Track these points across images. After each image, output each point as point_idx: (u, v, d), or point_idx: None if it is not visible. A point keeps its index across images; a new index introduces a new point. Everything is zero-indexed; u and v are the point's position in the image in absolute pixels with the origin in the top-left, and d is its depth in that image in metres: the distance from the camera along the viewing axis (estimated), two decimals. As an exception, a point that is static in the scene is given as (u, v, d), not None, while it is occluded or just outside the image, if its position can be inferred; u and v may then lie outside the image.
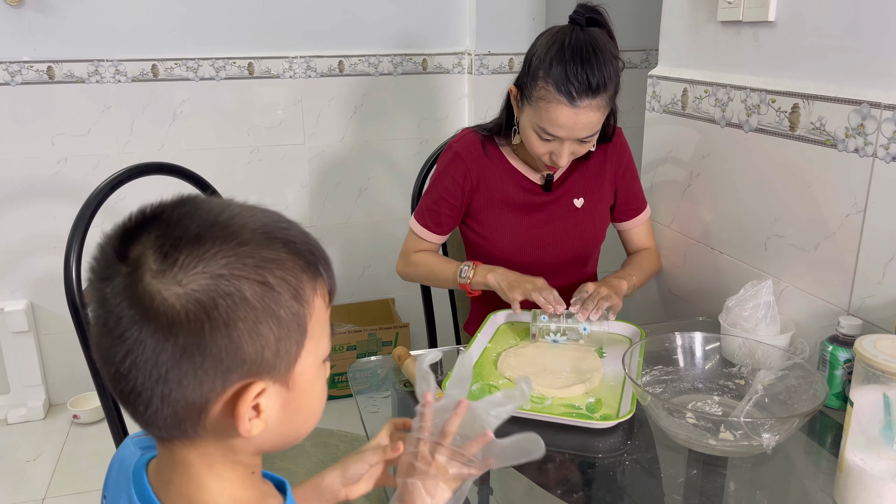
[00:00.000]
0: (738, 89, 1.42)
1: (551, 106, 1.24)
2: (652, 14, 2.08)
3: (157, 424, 0.55)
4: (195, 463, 0.58)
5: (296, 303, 0.56)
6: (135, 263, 0.52)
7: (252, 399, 0.55)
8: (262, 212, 0.58)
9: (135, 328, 0.52)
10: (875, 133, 1.13)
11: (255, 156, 2.50)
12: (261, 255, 0.54)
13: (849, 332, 1.10)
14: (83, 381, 2.46)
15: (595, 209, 1.47)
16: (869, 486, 0.84)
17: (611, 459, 0.99)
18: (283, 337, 0.55)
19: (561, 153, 1.30)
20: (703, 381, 1.14)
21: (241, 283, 0.53)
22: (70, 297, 1.15)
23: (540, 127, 1.28)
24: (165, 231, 0.53)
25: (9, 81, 2.21)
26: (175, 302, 0.51)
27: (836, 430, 1.08)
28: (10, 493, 2.07)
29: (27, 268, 2.38)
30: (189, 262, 0.52)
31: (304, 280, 0.57)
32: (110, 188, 1.25)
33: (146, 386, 0.53)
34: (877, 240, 1.14)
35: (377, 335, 2.54)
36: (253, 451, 0.61)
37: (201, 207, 0.56)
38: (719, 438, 0.96)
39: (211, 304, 0.52)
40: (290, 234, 0.57)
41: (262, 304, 0.53)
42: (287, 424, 0.60)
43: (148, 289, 0.52)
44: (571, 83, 1.21)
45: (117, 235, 0.54)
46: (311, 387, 0.60)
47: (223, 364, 0.53)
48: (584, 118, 1.25)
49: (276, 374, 0.56)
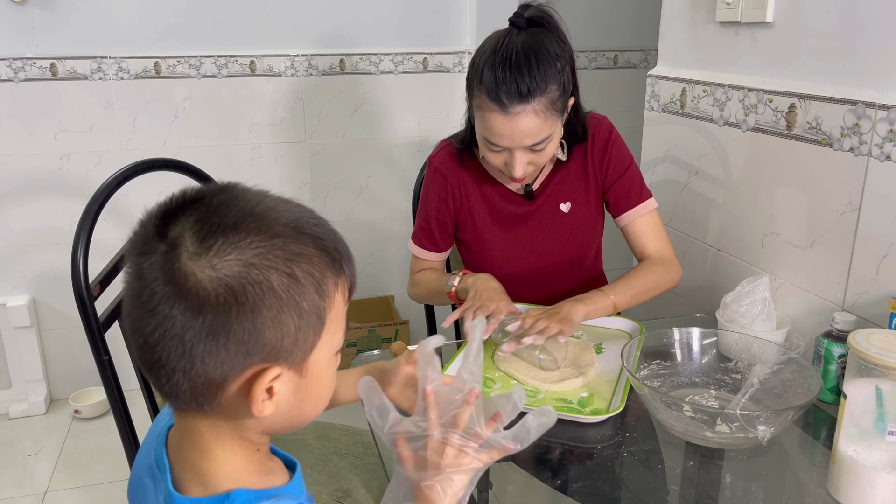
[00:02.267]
0: (735, 89, 1.44)
1: (486, 114, 1.19)
2: (651, 14, 2.11)
3: (176, 396, 0.58)
4: (204, 433, 0.61)
5: (318, 296, 0.59)
6: (173, 243, 0.55)
7: (267, 382, 0.58)
8: (296, 207, 0.62)
9: (167, 304, 0.55)
10: (870, 133, 1.14)
11: (257, 153, 2.51)
12: (290, 248, 0.57)
13: (843, 327, 1.12)
14: (85, 376, 2.48)
15: (583, 211, 1.40)
16: (861, 477, 0.86)
17: (609, 452, 1.01)
18: (303, 327, 0.58)
19: (512, 164, 1.23)
20: (700, 375, 1.16)
21: (270, 273, 0.56)
22: (77, 291, 1.16)
23: (483, 137, 1.24)
24: (205, 215, 0.56)
25: (12, 78, 2.23)
26: (207, 284, 0.54)
27: (830, 424, 1.10)
28: (12, 487, 2.09)
29: (29, 263, 2.39)
30: (224, 248, 0.55)
31: (327, 276, 0.60)
32: (117, 184, 1.26)
33: (170, 359, 0.56)
34: (871, 237, 1.16)
35: (377, 332, 2.56)
36: (261, 430, 0.63)
37: (240, 197, 0.59)
38: (716, 431, 0.97)
39: (240, 289, 0.55)
40: (319, 231, 0.61)
41: (287, 295, 0.56)
42: (296, 409, 0.63)
43: (183, 269, 0.54)
44: (501, 89, 1.16)
45: (159, 214, 0.57)
46: (322, 376, 0.63)
47: (245, 347, 0.56)
48: (521, 125, 1.18)
49: (291, 362, 0.59)
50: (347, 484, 1.22)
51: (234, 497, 0.59)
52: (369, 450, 1.33)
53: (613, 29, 2.72)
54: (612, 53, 2.72)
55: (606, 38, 2.73)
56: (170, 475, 0.62)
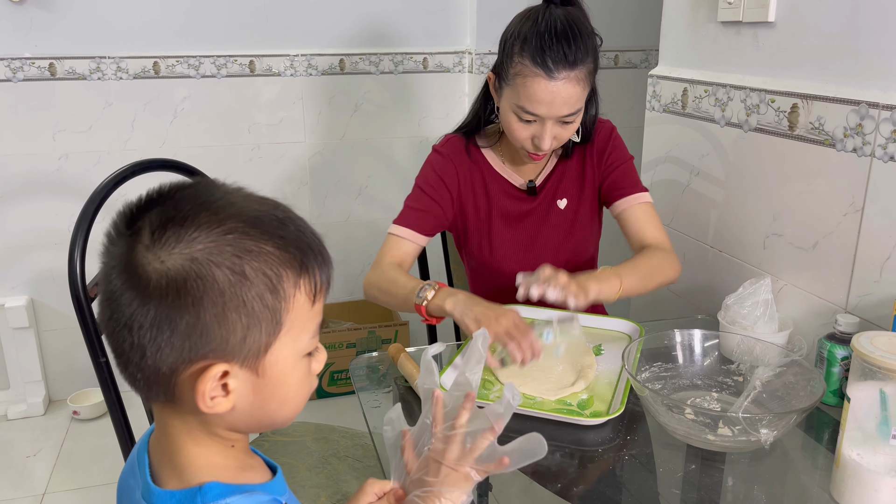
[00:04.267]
0: (737, 89, 1.43)
1: (528, 80, 1.19)
2: (652, 14, 2.10)
3: (136, 385, 0.60)
4: (176, 427, 0.62)
5: (271, 295, 0.58)
6: (136, 235, 0.57)
7: (214, 379, 0.58)
8: (261, 202, 0.60)
9: (122, 294, 0.56)
10: (873, 133, 1.14)
11: (256, 153, 2.50)
12: (242, 244, 0.57)
13: (846, 329, 1.11)
14: (83, 376, 2.47)
15: (579, 209, 1.41)
16: (865, 481, 0.85)
17: (609, 455, 1.00)
18: (252, 326, 0.57)
19: (543, 135, 1.24)
20: (701, 377, 1.15)
21: (214, 269, 0.55)
22: (74, 292, 1.15)
23: (519, 106, 1.23)
24: (164, 209, 0.57)
25: (10, 78, 2.22)
26: (153, 275, 0.55)
27: (833, 427, 1.09)
28: (10, 488, 2.08)
29: (28, 264, 2.39)
30: (172, 241, 0.56)
31: (285, 275, 0.58)
32: (114, 184, 1.25)
33: (124, 348, 0.57)
34: (874, 238, 1.16)
35: (377, 333, 2.55)
36: (225, 427, 0.63)
37: (204, 192, 0.59)
38: (718, 434, 0.97)
39: (182, 283, 0.55)
40: (281, 229, 0.59)
41: (231, 292, 0.56)
42: (258, 409, 0.62)
43: (136, 260, 0.56)
44: (547, 54, 1.17)
45: (133, 206, 0.59)
46: (284, 378, 0.62)
47: (189, 341, 0.56)
48: (563, 91, 1.19)
49: (242, 360, 0.59)
50: (347, 486, 1.21)
51: (206, 490, 0.60)
52: (368, 452, 1.32)
53: (614, 29, 2.71)
54: (613, 53, 2.71)
55: (607, 38, 2.67)
56: (149, 470, 0.63)
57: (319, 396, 2.54)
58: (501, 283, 1.43)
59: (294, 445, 1.32)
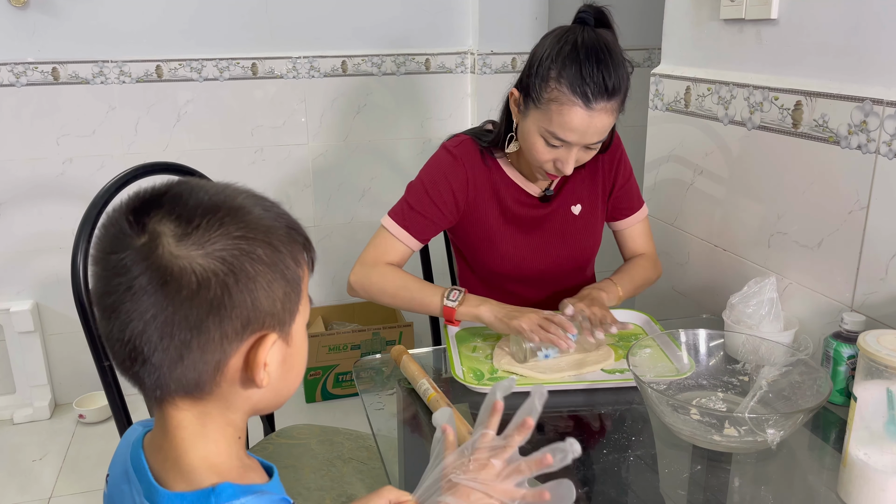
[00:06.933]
0: (740, 87, 1.43)
1: (564, 108, 1.16)
2: (655, 12, 2.09)
3: (169, 386, 0.60)
4: (188, 425, 0.62)
5: (294, 265, 0.63)
6: (153, 233, 0.57)
7: (269, 348, 0.61)
8: (250, 191, 0.64)
9: (152, 295, 0.56)
10: (878, 130, 1.13)
11: (259, 156, 2.51)
12: (263, 223, 0.61)
13: (852, 328, 1.11)
14: (89, 380, 2.47)
15: (592, 214, 1.42)
16: (872, 481, 0.85)
17: (615, 456, 1.00)
18: (289, 293, 0.62)
19: (567, 160, 1.22)
20: (707, 377, 1.14)
21: (255, 244, 0.59)
22: (77, 297, 1.15)
23: (549, 131, 1.20)
24: (178, 203, 0.58)
25: (14, 82, 2.23)
26: (202, 262, 0.56)
27: (839, 426, 1.08)
28: (17, 492, 2.08)
29: (33, 268, 2.39)
30: (211, 225, 0.57)
31: (295, 248, 0.63)
32: (117, 188, 1.25)
33: (159, 348, 0.57)
34: (880, 236, 1.15)
35: (381, 334, 2.55)
36: (250, 407, 0.65)
37: (203, 184, 0.62)
38: (724, 434, 0.96)
39: (236, 262, 0.57)
40: (278, 210, 0.64)
41: (272, 263, 0.60)
42: (282, 381, 0.65)
43: (169, 255, 0.56)
44: (587, 84, 1.14)
45: (129, 210, 0.58)
46: (301, 345, 0.67)
47: (245, 317, 0.59)
48: (597, 121, 1.18)
49: (282, 328, 0.62)
50: (351, 489, 1.21)
51: (220, 490, 0.60)
52: (373, 454, 1.32)
53: (618, 31, 2.71)
54: (616, 52, 2.70)
55: (609, 38, 2.71)
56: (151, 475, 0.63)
57: (324, 398, 2.54)
58: (508, 288, 1.43)
59: (298, 448, 1.32)
